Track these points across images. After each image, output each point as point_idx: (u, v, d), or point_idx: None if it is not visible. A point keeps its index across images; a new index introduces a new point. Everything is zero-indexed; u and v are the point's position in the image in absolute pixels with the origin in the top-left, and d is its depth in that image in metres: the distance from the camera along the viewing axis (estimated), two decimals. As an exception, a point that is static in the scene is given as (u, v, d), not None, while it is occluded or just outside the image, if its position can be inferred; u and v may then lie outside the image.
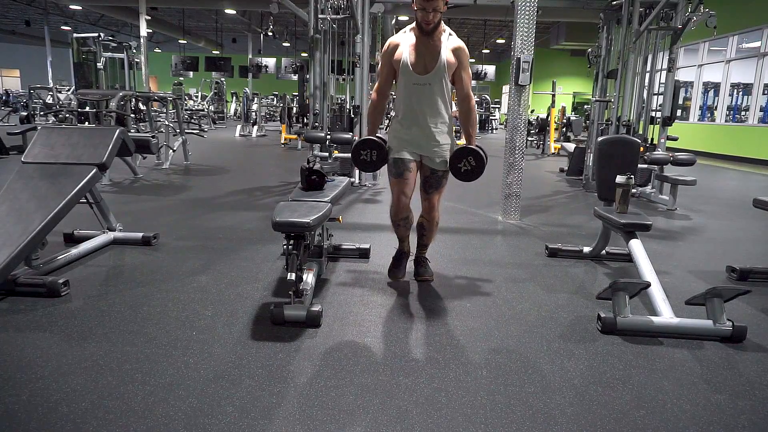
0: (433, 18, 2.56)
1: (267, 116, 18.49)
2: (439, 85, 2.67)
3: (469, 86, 2.77)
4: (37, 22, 21.49)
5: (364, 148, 2.79)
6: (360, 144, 2.80)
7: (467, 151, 2.70)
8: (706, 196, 6.49)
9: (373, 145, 2.79)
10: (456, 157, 2.72)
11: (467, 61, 2.71)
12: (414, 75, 2.66)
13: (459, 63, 2.68)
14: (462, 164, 2.70)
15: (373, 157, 2.79)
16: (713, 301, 2.35)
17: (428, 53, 2.64)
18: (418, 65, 2.65)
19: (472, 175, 2.71)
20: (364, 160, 2.80)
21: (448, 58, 2.64)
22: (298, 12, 6.64)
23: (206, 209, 4.81)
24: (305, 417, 1.68)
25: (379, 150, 2.79)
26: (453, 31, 2.72)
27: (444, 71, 2.64)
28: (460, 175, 2.73)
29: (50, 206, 2.82)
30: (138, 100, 8.60)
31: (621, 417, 1.73)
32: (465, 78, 2.73)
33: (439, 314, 2.55)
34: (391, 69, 2.74)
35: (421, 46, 2.65)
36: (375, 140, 2.79)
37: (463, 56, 2.68)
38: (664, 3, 5.57)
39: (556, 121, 12.12)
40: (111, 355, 2.02)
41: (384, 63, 2.76)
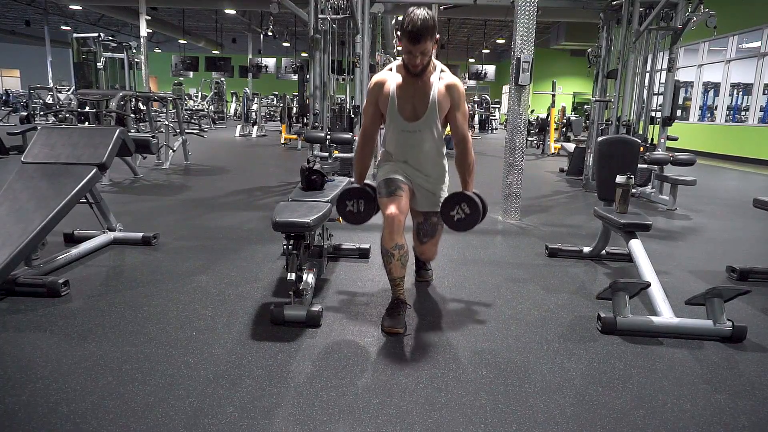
0: (421, 61, 2.26)
1: (267, 116, 18.49)
2: (431, 131, 2.42)
3: (465, 128, 2.45)
4: (37, 22, 21.49)
5: (350, 198, 2.48)
6: (345, 193, 2.49)
7: (460, 197, 2.41)
8: (706, 196, 6.49)
9: (360, 195, 2.48)
10: (448, 203, 2.43)
11: (462, 99, 2.42)
12: (402, 121, 2.40)
13: (452, 103, 2.39)
14: (455, 212, 2.40)
15: (360, 208, 2.48)
16: (713, 301, 2.35)
17: (417, 96, 2.37)
18: (406, 110, 2.38)
19: (466, 225, 2.42)
20: (351, 211, 2.50)
21: (440, 101, 2.36)
22: (298, 12, 6.63)
23: (206, 209, 4.81)
24: (305, 417, 1.68)
25: (367, 200, 2.48)
26: (446, 67, 2.45)
27: (436, 117, 2.38)
28: (453, 224, 2.43)
29: (50, 206, 2.82)
30: (138, 100, 8.61)
31: (621, 417, 1.73)
32: (460, 119, 2.42)
33: (439, 314, 2.55)
34: (378, 110, 2.46)
35: (409, 88, 2.36)
36: (362, 188, 2.50)
37: (456, 95, 2.39)
38: (664, 3, 5.58)
39: (556, 121, 12.12)
40: (111, 355, 2.02)
41: (369, 103, 2.46)
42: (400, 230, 2.33)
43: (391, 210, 2.32)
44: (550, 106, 11.87)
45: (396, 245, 2.31)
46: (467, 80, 19.37)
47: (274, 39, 12.42)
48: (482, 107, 19.42)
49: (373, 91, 2.43)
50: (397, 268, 2.36)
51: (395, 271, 2.36)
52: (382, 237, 2.33)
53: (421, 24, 2.15)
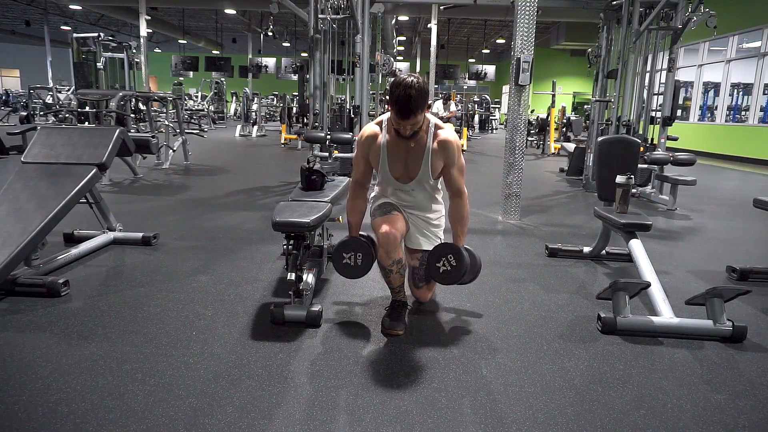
0: (412, 129, 2.18)
1: (267, 116, 18.49)
2: (424, 188, 2.38)
3: (460, 182, 2.33)
4: (37, 22, 21.47)
5: (347, 251, 2.31)
6: (342, 246, 2.32)
7: (447, 248, 2.27)
8: (706, 196, 6.49)
9: (357, 247, 2.31)
10: (434, 254, 2.28)
11: (457, 154, 2.29)
12: (395, 182, 2.36)
13: (446, 161, 2.28)
14: (441, 263, 2.25)
15: (358, 261, 2.31)
16: (713, 301, 2.35)
17: (410, 158, 2.28)
18: (398, 170, 2.32)
19: (451, 277, 2.26)
20: (347, 264, 2.31)
21: (433, 161, 2.27)
22: (298, 12, 6.64)
23: (206, 209, 4.81)
24: (305, 417, 1.68)
25: (364, 253, 2.30)
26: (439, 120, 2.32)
27: (429, 177, 2.31)
28: (437, 276, 2.28)
29: (50, 206, 2.82)
30: (138, 100, 8.60)
31: (621, 417, 1.73)
32: (455, 174, 2.31)
33: (438, 314, 2.55)
34: (369, 164, 2.37)
35: (401, 149, 2.27)
36: (358, 240, 2.33)
37: (450, 152, 2.26)
38: (664, 3, 5.58)
39: (556, 121, 12.12)
40: (111, 355, 2.02)
41: (360, 156, 2.35)
42: (396, 247, 2.31)
43: (385, 228, 2.29)
44: (550, 106, 11.87)
45: (393, 261, 2.32)
46: (467, 80, 19.39)
47: (274, 39, 12.43)
48: (482, 107, 19.43)
49: (364, 145, 2.33)
50: (396, 279, 2.39)
51: (395, 282, 2.40)
52: (379, 255, 2.33)
53: (411, 101, 2.06)
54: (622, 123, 6.25)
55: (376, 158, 2.32)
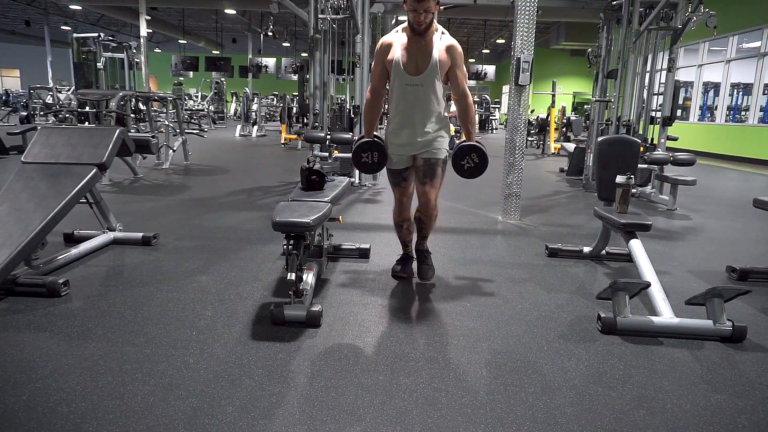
0: (425, 19, 2.53)
1: (267, 116, 18.49)
2: (432, 86, 2.66)
3: (464, 84, 2.73)
4: (37, 22, 21.48)
5: (364, 150, 2.77)
6: (360, 146, 2.78)
7: (470, 147, 2.71)
8: (706, 196, 6.49)
9: (373, 147, 2.78)
10: (459, 154, 2.71)
11: (461, 59, 2.68)
12: (406, 76, 2.65)
13: (452, 62, 2.65)
14: (465, 161, 2.71)
15: (374, 159, 2.79)
16: (713, 301, 2.35)
17: (420, 53, 2.62)
18: (410, 66, 2.64)
19: (475, 172, 2.73)
20: (366, 162, 2.80)
21: (441, 58, 2.62)
22: (298, 12, 6.63)
23: (206, 209, 4.81)
24: (305, 417, 1.68)
25: (380, 151, 2.78)
26: (446, 30, 2.70)
27: (437, 71, 2.63)
28: (464, 172, 2.74)
29: (50, 206, 2.82)
30: (138, 100, 8.60)
31: (621, 417, 1.73)
32: (459, 76, 2.70)
33: (439, 314, 2.55)
34: (384, 69, 2.73)
35: (413, 47, 2.63)
36: (374, 141, 2.78)
37: (456, 55, 2.65)
38: (664, 3, 5.57)
39: (556, 121, 12.12)
40: (111, 355, 2.02)
41: (377, 62, 2.74)
42: (407, 209, 2.92)
43: (398, 197, 2.90)
44: (550, 106, 11.87)
45: (404, 219, 2.93)
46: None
47: (274, 39, 12.42)
48: (482, 107, 19.42)
49: (380, 52, 2.70)
50: (406, 234, 2.98)
51: (405, 236, 3.00)
52: (394, 212, 2.95)
53: None
54: (622, 123, 6.25)
55: (391, 58, 2.65)
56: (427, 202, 2.80)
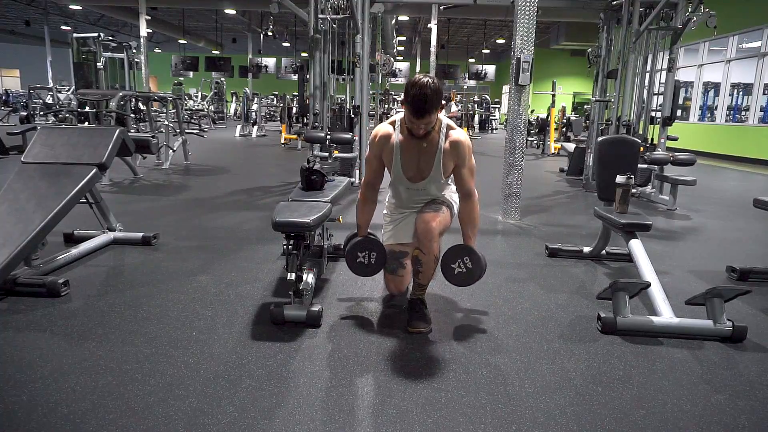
0: (425, 129, 2.24)
1: (267, 116, 18.49)
2: (435, 186, 2.42)
3: (471, 184, 2.37)
4: (37, 22, 21.47)
5: (361, 250, 2.40)
6: (355, 246, 2.40)
7: (464, 250, 2.31)
8: (706, 196, 6.49)
9: (369, 246, 2.40)
10: (450, 255, 2.31)
11: (469, 154, 2.34)
12: (407, 182, 2.40)
13: (458, 162, 2.33)
14: (456, 265, 2.30)
15: (372, 260, 2.40)
16: (713, 301, 2.35)
17: (422, 157, 2.33)
18: (409, 171, 2.36)
19: (466, 280, 2.32)
20: (362, 263, 2.41)
21: (445, 161, 2.32)
22: (298, 12, 6.64)
23: (206, 209, 4.81)
24: (305, 417, 1.68)
25: (378, 250, 2.40)
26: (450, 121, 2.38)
27: (441, 177, 2.36)
28: (453, 278, 2.33)
29: (50, 206, 2.82)
30: (138, 100, 8.60)
31: (621, 417, 1.73)
32: (466, 175, 2.35)
33: (439, 314, 2.55)
34: (381, 164, 2.42)
35: (414, 150, 2.32)
36: (371, 239, 2.42)
37: (462, 152, 2.31)
38: (664, 3, 5.58)
39: (556, 121, 12.12)
40: (111, 355, 2.02)
41: (373, 155, 2.41)
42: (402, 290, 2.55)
43: (392, 288, 2.56)
44: (550, 106, 11.87)
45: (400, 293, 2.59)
46: (467, 80, 19.38)
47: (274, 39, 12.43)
48: (482, 107, 19.43)
49: (378, 145, 2.38)
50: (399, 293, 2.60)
51: None
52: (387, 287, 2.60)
53: (427, 101, 2.11)
54: (622, 123, 6.25)
55: (389, 158, 2.37)
56: (429, 234, 2.30)
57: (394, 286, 2.51)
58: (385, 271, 2.50)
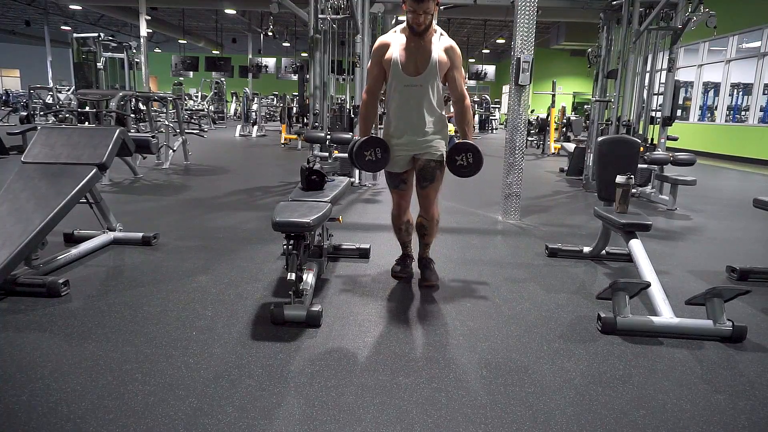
0: (424, 20, 2.51)
1: (267, 116, 18.49)
2: (431, 86, 2.63)
3: (462, 86, 2.71)
4: (37, 22, 21.48)
5: (367, 148, 2.68)
6: (363, 144, 2.68)
7: (466, 146, 2.66)
8: (706, 196, 6.49)
9: (375, 143, 2.69)
10: (454, 151, 2.67)
11: (459, 60, 2.67)
12: (405, 77, 2.62)
13: (451, 63, 2.63)
14: (460, 158, 2.65)
15: (378, 155, 2.69)
16: (713, 301, 2.35)
17: (419, 54, 2.60)
18: (409, 66, 2.61)
19: (469, 171, 2.68)
20: (370, 160, 2.69)
21: (440, 59, 2.60)
22: (298, 12, 6.63)
23: (206, 209, 4.81)
24: (305, 417, 1.68)
25: (382, 146, 2.70)
26: (444, 32, 2.68)
27: (436, 72, 2.60)
28: (457, 170, 2.68)
29: (50, 206, 2.82)
30: (138, 100, 8.60)
31: (621, 417, 1.73)
32: (458, 78, 2.68)
33: (439, 314, 2.55)
34: (381, 69, 2.69)
35: (412, 47, 2.60)
36: (376, 137, 2.71)
37: (455, 56, 2.64)
38: (664, 3, 5.58)
39: (556, 121, 12.12)
40: (111, 355, 2.02)
41: (374, 63, 2.69)
42: (406, 211, 2.89)
43: (397, 200, 2.86)
44: (550, 106, 11.86)
45: (402, 222, 2.91)
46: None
47: (274, 39, 12.42)
48: (482, 107, 19.42)
49: (378, 52, 2.66)
50: (405, 235, 2.97)
51: (404, 237, 2.99)
52: (393, 215, 2.91)
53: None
54: (622, 123, 6.25)
55: (389, 59, 2.62)
56: (429, 204, 2.81)
57: (398, 198, 2.85)
58: (389, 185, 2.86)
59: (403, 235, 2.96)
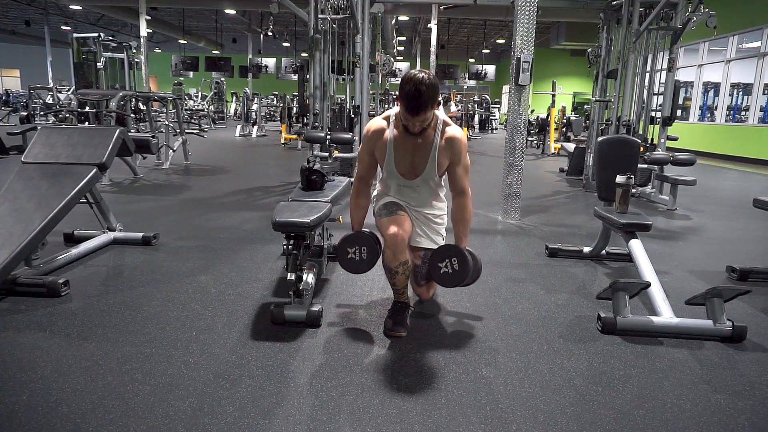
0: (421, 126, 2.18)
1: (267, 116, 18.49)
2: (429, 186, 2.38)
3: (464, 182, 2.31)
4: (37, 22, 21.47)
5: (351, 245, 2.29)
6: (347, 240, 2.31)
7: (453, 251, 2.21)
8: (706, 196, 6.49)
9: (362, 241, 2.29)
10: (438, 255, 2.22)
11: (464, 152, 2.29)
12: (400, 178, 2.34)
13: (452, 159, 2.28)
14: (443, 264, 2.20)
15: (363, 255, 2.29)
16: (713, 301, 2.35)
17: (417, 154, 2.27)
18: (403, 166, 2.30)
19: (452, 280, 2.21)
20: (352, 259, 2.30)
21: (440, 158, 2.26)
22: (298, 12, 6.63)
23: (206, 209, 4.81)
24: (305, 417, 1.68)
25: (369, 247, 2.30)
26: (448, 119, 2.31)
27: (434, 174, 2.30)
28: (438, 277, 2.22)
29: (50, 206, 2.82)
30: (138, 100, 8.60)
31: (621, 417, 1.73)
32: (460, 173, 2.30)
33: (439, 314, 2.55)
34: (374, 159, 2.37)
35: (408, 146, 2.26)
36: (361, 234, 2.33)
37: (457, 150, 2.26)
38: (664, 3, 5.57)
39: (556, 121, 12.12)
40: (111, 355, 2.02)
41: (365, 151, 2.36)
42: (404, 248, 2.27)
43: (392, 230, 2.24)
44: (550, 106, 11.87)
45: (400, 263, 2.28)
46: (467, 80, 19.39)
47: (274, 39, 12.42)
48: (482, 107, 19.43)
49: (371, 140, 2.32)
50: (401, 281, 2.35)
51: (399, 283, 2.36)
52: (385, 256, 2.28)
53: (422, 98, 2.04)
54: (622, 123, 6.25)
55: (382, 153, 2.31)
56: (426, 298, 2.58)
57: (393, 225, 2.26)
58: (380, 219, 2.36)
59: (399, 279, 2.33)
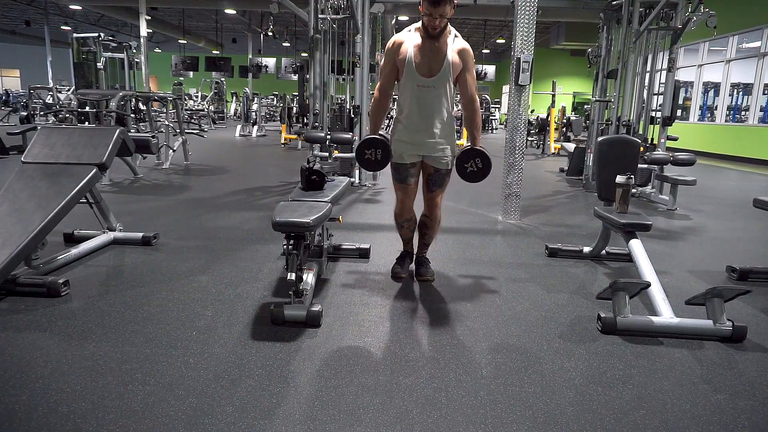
0: (440, 23, 2.53)
1: (267, 116, 18.48)
2: (444, 88, 2.66)
3: (473, 88, 2.73)
4: (37, 22, 21.48)
5: (368, 147, 2.75)
6: (364, 143, 2.76)
7: (475, 152, 2.71)
8: (706, 196, 6.49)
9: (377, 144, 2.75)
10: (463, 157, 2.72)
11: (472, 63, 2.69)
12: (419, 77, 2.63)
13: (464, 65, 2.66)
14: (469, 165, 2.72)
15: (378, 156, 2.76)
16: (713, 301, 2.35)
17: (434, 56, 2.62)
18: (423, 67, 2.62)
19: (478, 177, 2.74)
20: (369, 159, 2.77)
21: (454, 60, 2.62)
22: (298, 12, 6.64)
23: (206, 209, 4.81)
24: (305, 417, 1.68)
25: (383, 148, 2.76)
26: (458, 33, 2.71)
27: (449, 74, 2.63)
28: (466, 176, 2.75)
29: (50, 206, 2.82)
30: (138, 100, 8.60)
31: (621, 417, 1.73)
32: (469, 80, 2.70)
33: (439, 314, 2.55)
34: (395, 68, 2.70)
35: (427, 48, 2.62)
36: (379, 138, 2.76)
37: (468, 58, 2.66)
38: (664, 3, 5.57)
39: (556, 121, 12.12)
40: (111, 355, 2.02)
41: (387, 61, 2.71)
42: (410, 209, 2.92)
43: (402, 197, 2.88)
44: (550, 106, 11.86)
45: (406, 219, 2.96)
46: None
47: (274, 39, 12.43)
48: (482, 107, 19.40)
49: (392, 51, 2.68)
50: (407, 232, 3.03)
51: (406, 234, 3.04)
52: (396, 212, 2.95)
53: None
54: (622, 123, 6.25)
55: (403, 58, 2.64)
56: (434, 206, 2.92)
57: (403, 195, 2.87)
58: (394, 180, 2.87)
59: (405, 232, 3.01)
